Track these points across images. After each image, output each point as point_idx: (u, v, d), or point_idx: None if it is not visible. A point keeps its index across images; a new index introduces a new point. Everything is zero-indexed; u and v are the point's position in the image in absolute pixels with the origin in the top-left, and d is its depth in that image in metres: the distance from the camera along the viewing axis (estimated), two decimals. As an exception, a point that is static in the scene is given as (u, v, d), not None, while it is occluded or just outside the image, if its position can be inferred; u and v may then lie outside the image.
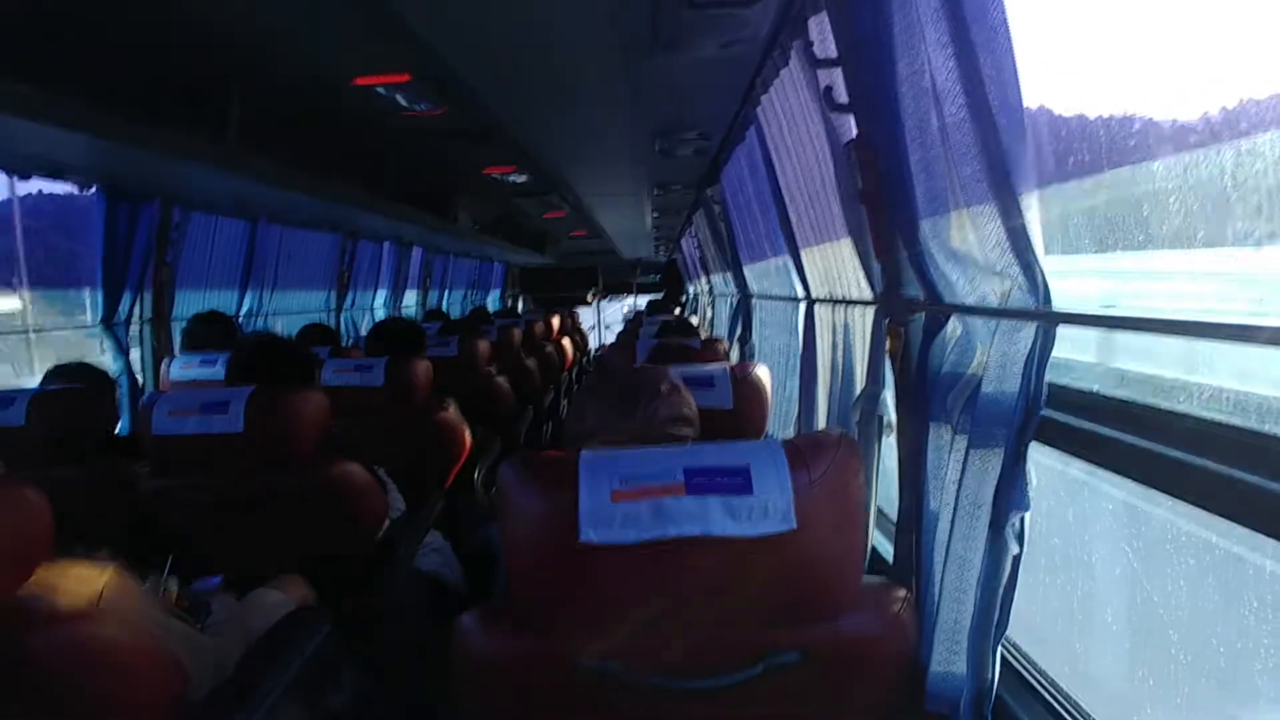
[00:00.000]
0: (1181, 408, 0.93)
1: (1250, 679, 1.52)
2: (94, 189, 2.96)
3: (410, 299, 6.99)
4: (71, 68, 1.99)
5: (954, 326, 1.34)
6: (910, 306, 1.52)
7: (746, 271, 3.95)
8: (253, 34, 2.13)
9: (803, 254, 2.44)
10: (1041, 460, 1.12)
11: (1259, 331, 0.76)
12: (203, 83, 2.46)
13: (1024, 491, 1.07)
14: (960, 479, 1.22)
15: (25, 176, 2.62)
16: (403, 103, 2.71)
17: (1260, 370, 0.92)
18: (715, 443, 1.10)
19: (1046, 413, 1.08)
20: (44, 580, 1.20)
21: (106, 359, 3.18)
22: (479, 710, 1.15)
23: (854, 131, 1.62)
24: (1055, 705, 1.23)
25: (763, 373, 1.99)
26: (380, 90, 2.56)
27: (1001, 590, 1.13)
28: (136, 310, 3.29)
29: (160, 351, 3.38)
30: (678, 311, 6.90)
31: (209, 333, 3.09)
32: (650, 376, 1.33)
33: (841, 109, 1.64)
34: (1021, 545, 1.12)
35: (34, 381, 2.36)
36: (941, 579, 1.27)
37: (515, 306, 11.17)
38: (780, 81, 2.11)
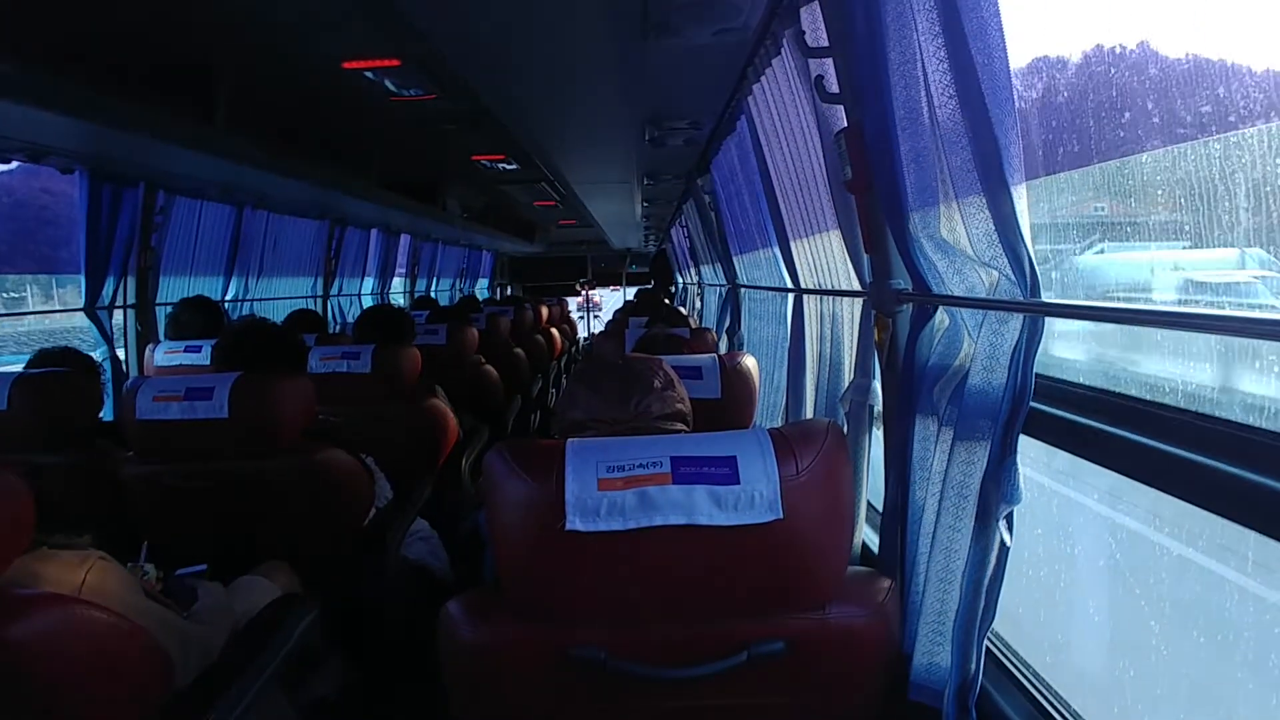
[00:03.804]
0: (1169, 401, 0.94)
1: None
2: (77, 172, 2.93)
3: (398, 286, 6.96)
4: (56, 48, 1.96)
5: (942, 317, 1.34)
6: (898, 297, 1.52)
7: (736, 262, 3.95)
8: (241, 16, 2.10)
9: (792, 245, 2.44)
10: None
11: (1242, 323, 0.76)
12: (190, 65, 2.43)
13: (1014, 484, 1.07)
14: (946, 470, 1.22)
15: (6, 160, 2.59)
16: (391, 88, 2.69)
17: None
18: (703, 432, 1.09)
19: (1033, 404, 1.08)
20: (26, 567, 1.19)
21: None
22: (465, 697, 1.15)
23: (844, 121, 1.62)
24: (1038, 697, 1.24)
25: (751, 363, 1.99)
26: (369, 75, 2.53)
27: (988, 582, 1.14)
28: (120, 296, 3.26)
29: (144, 337, 3.35)
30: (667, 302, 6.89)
31: (194, 318, 3.07)
32: (644, 369, 1.32)
33: (832, 99, 1.64)
34: (1010, 537, 1.12)
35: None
36: (927, 570, 1.27)
37: (507, 294, 11.14)
38: (772, 71, 2.10)
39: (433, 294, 7.99)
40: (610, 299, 14.28)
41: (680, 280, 9.55)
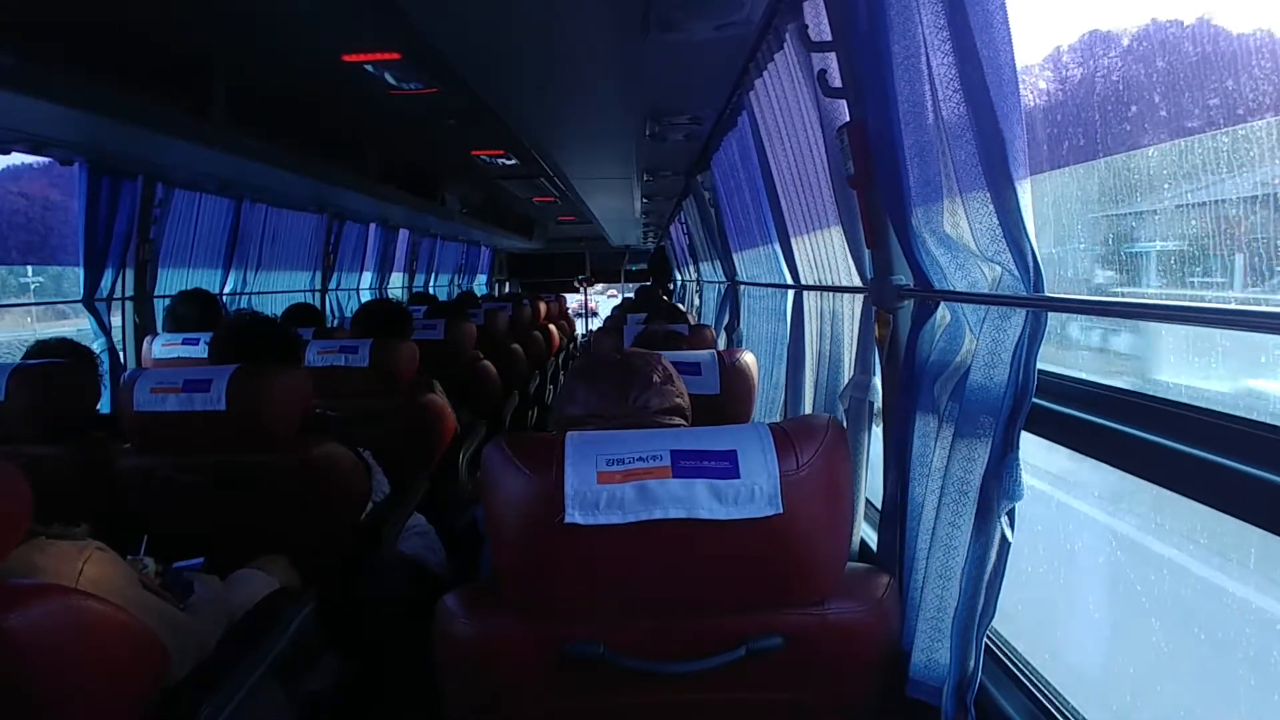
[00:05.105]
0: (1169, 396, 0.93)
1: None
2: (76, 164, 2.92)
3: (396, 281, 6.95)
4: (56, 41, 1.96)
5: (943, 313, 1.33)
6: (899, 293, 1.52)
7: (735, 259, 3.95)
8: (241, 8, 2.09)
9: (793, 241, 2.43)
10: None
11: (1244, 317, 0.76)
12: (189, 58, 2.43)
13: (1016, 481, 1.07)
14: (947, 467, 1.22)
15: (5, 151, 2.58)
16: (391, 81, 2.68)
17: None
18: (703, 426, 1.09)
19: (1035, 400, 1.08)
20: (23, 557, 1.18)
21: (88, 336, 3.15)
22: (461, 691, 1.15)
23: (847, 116, 1.61)
24: (1037, 695, 1.24)
25: (750, 359, 1.98)
26: (369, 68, 2.52)
27: (988, 579, 1.13)
28: (119, 288, 3.25)
29: (142, 329, 3.34)
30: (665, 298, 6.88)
31: (192, 311, 3.06)
32: (642, 364, 1.31)
33: (835, 93, 1.63)
34: (1011, 534, 1.11)
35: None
36: (926, 567, 1.27)
37: (505, 291, 11.15)
38: (774, 65, 2.10)
39: (431, 289, 7.98)
40: (606, 304, 13.95)
41: (679, 277, 9.54)
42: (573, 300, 11.80)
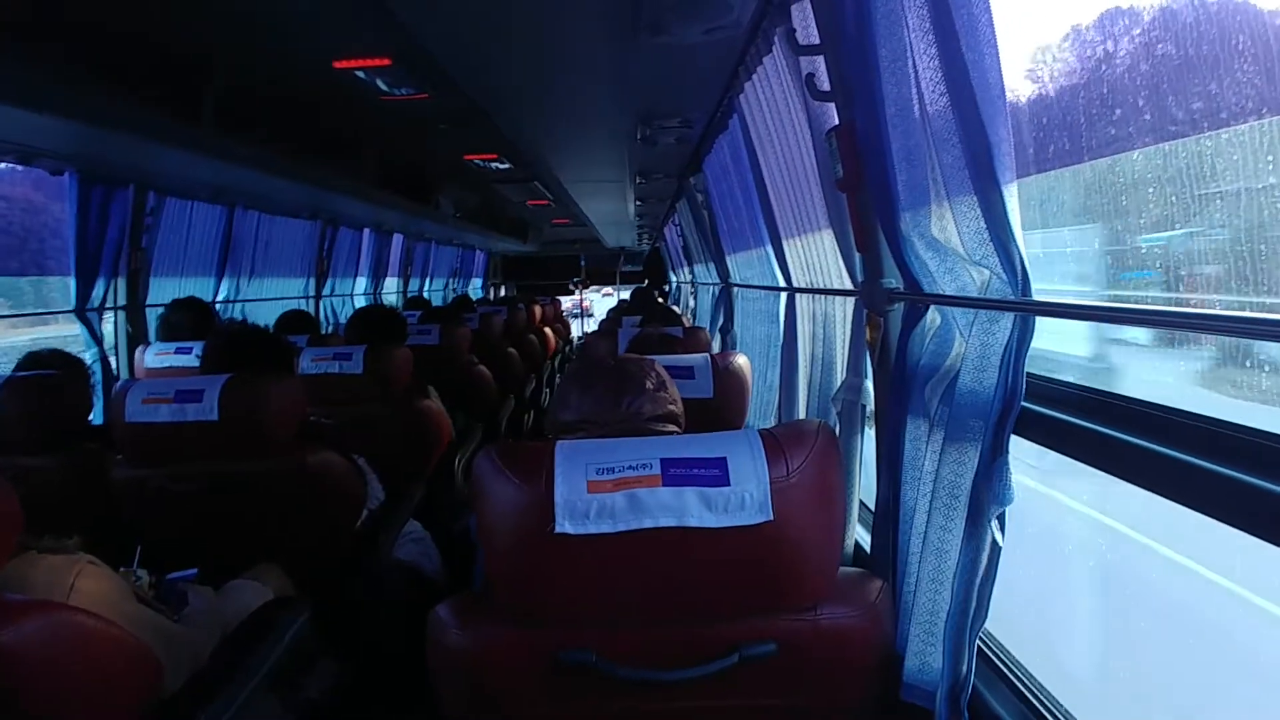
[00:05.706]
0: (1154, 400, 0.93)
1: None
2: (66, 174, 2.91)
3: (391, 286, 6.93)
4: (45, 48, 1.95)
5: (933, 316, 1.34)
6: (890, 296, 1.52)
7: (729, 261, 3.95)
8: (231, 16, 2.09)
9: (784, 244, 2.43)
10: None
11: (1237, 323, 0.76)
12: (180, 66, 2.42)
13: (1006, 485, 1.07)
14: (938, 470, 1.22)
15: (-5, 162, 2.57)
16: (383, 87, 2.67)
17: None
18: (693, 433, 1.09)
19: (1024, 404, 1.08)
20: (14, 571, 1.18)
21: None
22: (455, 700, 1.15)
23: (835, 119, 1.61)
24: (1030, 698, 1.24)
25: (743, 362, 1.98)
26: (360, 74, 2.52)
27: (979, 582, 1.13)
28: (110, 297, 3.24)
29: (135, 339, 3.33)
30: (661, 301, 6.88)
31: (185, 320, 3.05)
32: (636, 370, 1.31)
33: (823, 96, 1.63)
34: (1002, 537, 1.12)
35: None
36: (919, 570, 1.27)
37: (500, 294, 11.13)
38: (763, 69, 2.10)
39: (426, 294, 7.96)
40: (601, 304, 13.87)
41: (674, 279, 9.55)
42: (567, 302, 11.79)
